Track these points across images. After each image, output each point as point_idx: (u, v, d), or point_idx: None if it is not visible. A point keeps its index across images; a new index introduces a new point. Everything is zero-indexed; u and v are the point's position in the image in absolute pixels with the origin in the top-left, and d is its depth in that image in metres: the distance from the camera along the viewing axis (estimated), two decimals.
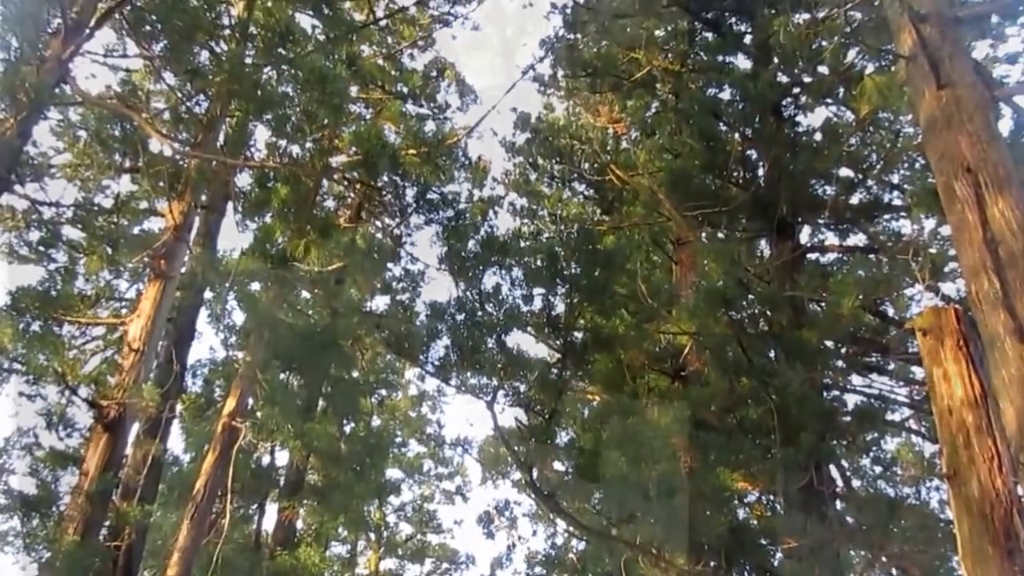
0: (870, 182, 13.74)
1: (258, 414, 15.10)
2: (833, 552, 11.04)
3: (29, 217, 14.20)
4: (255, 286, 16.07)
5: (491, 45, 30.00)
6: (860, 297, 11.88)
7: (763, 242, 14.60)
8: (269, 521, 20.10)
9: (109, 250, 14.55)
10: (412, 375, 26.42)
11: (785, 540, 11.29)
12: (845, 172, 13.68)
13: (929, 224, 12.86)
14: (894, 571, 12.68)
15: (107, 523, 13.05)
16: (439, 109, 18.05)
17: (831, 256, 14.63)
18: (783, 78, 14.11)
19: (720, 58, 15.41)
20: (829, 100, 14.03)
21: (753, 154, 14.27)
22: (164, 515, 16.08)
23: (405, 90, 17.88)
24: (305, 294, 17.83)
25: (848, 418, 12.74)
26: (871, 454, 14.51)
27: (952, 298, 12.08)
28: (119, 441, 12.91)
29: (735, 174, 13.96)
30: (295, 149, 15.49)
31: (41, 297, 13.52)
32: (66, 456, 13.74)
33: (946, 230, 11.02)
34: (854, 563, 12.98)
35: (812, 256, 14.30)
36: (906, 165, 13.64)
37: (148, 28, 14.30)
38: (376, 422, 23.81)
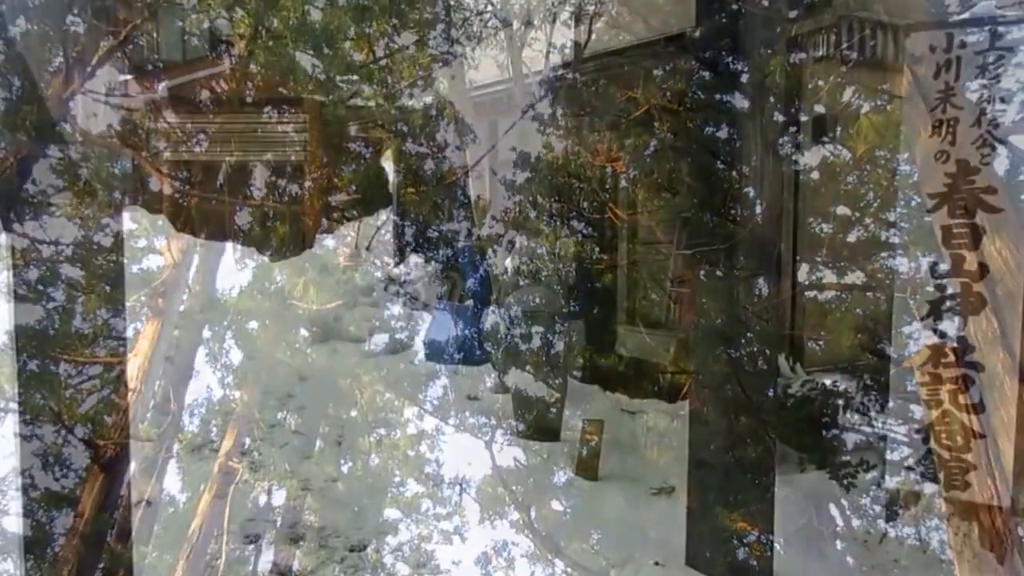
0: (867, 220, 13.76)
1: (255, 453, 15.03)
2: None
3: (28, 256, 14.19)
4: (253, 324, 16.06)
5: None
6: (858, 335, 11.86)
7: (761, 280, 14.58)
8: (266, 562, 19.88)
9: (108, 288, 14.53)
10: (411, 414, 26.27)
11: None
12: (842, 210, 13.71)
13: (926, 262, 12.85)
14: None
15: (101, 565, 12.93)
16: (438, 148, 18.08)
17: (829, 294, 14.61)
18: (780, 117, 14.17)
19: (718, 97, 15.48)
20: (826, 139, 14.07)
21: (751, 192, 14.30)
22: (159, 556, 15.90)
23: (405, 129, 17.92)
24: (304, 332, 17.78)
25: (847, 457, 12.67)
26: (871, 494, 14.38)
27: (950, 337, 12.03)
28: (115, 481, 12.84)
29: (733, 212, 13.98)
30: (295, 188, 15.56)
31: (39, 336, 13.49)
32: (61, 497, 13.62)
33: (943, 268, 11.01)
34: None
35: (810, 294, 14.28)
36: (903, 203, 13.65)
37: (150, 67, 14.41)
38: (374, 461, 23.65)
